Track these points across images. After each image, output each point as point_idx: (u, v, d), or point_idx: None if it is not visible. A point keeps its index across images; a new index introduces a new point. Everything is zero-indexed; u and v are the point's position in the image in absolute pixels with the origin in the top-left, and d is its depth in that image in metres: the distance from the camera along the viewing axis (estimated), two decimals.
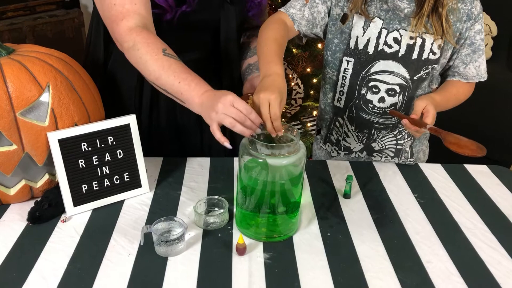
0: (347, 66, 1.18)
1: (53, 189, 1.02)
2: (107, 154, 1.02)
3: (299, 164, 0.91)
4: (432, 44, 1.11)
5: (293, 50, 2.26)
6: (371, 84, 1.17)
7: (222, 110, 0.87)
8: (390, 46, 1.13)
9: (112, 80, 1.23)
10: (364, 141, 1.27)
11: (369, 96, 1.19)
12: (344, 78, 1.20)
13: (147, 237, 0.91)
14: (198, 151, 1.33)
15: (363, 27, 1.13)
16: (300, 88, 2.28)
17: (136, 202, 1.06)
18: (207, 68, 1.25)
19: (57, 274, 0.85)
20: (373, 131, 1.24)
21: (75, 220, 0.99)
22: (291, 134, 0.94)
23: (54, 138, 0.95)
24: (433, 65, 1.15)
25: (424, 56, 1.12)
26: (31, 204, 1.00)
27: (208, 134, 1.30)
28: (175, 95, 0.97)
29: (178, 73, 0.95)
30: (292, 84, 2.30)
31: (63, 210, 1.00)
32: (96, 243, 0.93)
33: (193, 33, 1.19)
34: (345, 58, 1.18)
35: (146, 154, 1.09)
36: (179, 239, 0.89)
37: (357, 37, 1.14)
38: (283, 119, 2.31)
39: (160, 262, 0.88)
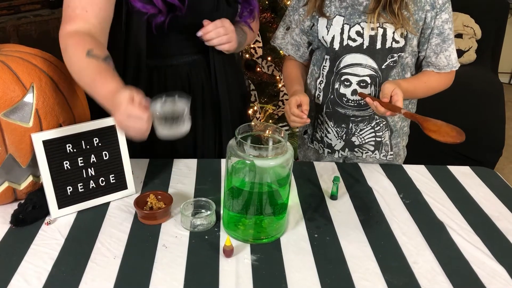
0: (325, 63, 1.24)
1: (37, 191, 1.01)
2: (92, 155, 1.01)
3: (286, 165, 0.91)
4: (393, 33, 1.15)
5: (281, 52, 2.26)
6: (343, 78, 1.22)
7: (121, 124, 0.86)
8: (354, 40, 1.18)
9: None
10: (343, 137, 1.29)
11: (342, 90, 1.23)
12: (322, 75, 1.26)
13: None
14: (190, 151, 1.31)
15: (326, 27, 1.19)
16: None
17: (122, 204, 1.05)
18: (199, 71, 1.25)
19: (41, 277, 0.83)
20: (351, 125, 1.27)
21: (59, 222, 0.98)
22: (279, 135, 0.94)
23: (38, 139, 0.94)
24: (399, 53, 1.18)
25: (388, 45, 1.16)
26: (14, 206, 0.98)
27: (200, 135, 1.30)
28: (95, 98, 0.93)
29: (90, 75, 0.93)
30: (280, 85, 2.31)
31: (47, 213, 0.99)
32: (81, 245, 0.91)
33: (185, 37, 1.19)
34: (325, 56, 1.24)
35: (135, 156, 1.08)
36: (183, 117, 0.84)
37: (323, 37, 1.21)
38: (270, 121, 2.31)
39: (146, 265, 0.87)
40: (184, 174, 1.17)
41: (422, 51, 1.21)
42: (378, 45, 1.16)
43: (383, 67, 1.19)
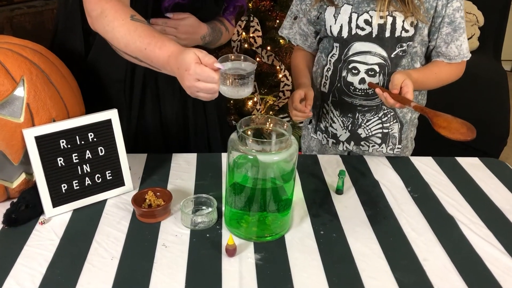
0: (334, 51, 1.21)
1: (31, 189, 0.97)
2: (87, 151, 0.97)
3: (290, 160, 0.87)
4: (403, 22, 1.12)
5: (281, 41, 2.22)
6: (351, 66, 1.19)
7: (191, 89, 0.87)
8: (362, 29, 1.15)
9: (94, 73, 1.18)
10: (349, 127, 1.26)
11: (350, 78, 1.20)
12: (330, 62, 1.23)
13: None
14: (182, 146, 1.29)
15: (334, 16, 1.16)
16: (288, 80, 2.24)
17: (119, 202, 1.01)
18: None
19: (35, 280, 0.80)
20: (357, 114, 1.24)
21: (54, 222, 0.95)
22: (282, 128, 0.90)
23: (30, 135, 0.90)
24: (408, 42, 1.15)
25: (397, 34, 1.13)
26: (6, 205, 0.95)
27: (193, 127, 1.28)
28: (147, 63, 0.95)
29: (143, 37, 0.92)
30: (280, 76, 2.26)
31: (41, 212, 0.95)
32: (77, 246, 0.88)
33: None
34: (334, 44, 1.21)
35: (131, 151, 1.05)
36: (248, 79, 0.87)
37: (330, 26, 1.18)
38: (271, 112, 2.27)
39: (145, 265, 0.84)
40: (183, 169, 1.14)
41: (432, 41, 1.17)
42: (387, 34, 1.13)
43: (392, 56, 1.16)
